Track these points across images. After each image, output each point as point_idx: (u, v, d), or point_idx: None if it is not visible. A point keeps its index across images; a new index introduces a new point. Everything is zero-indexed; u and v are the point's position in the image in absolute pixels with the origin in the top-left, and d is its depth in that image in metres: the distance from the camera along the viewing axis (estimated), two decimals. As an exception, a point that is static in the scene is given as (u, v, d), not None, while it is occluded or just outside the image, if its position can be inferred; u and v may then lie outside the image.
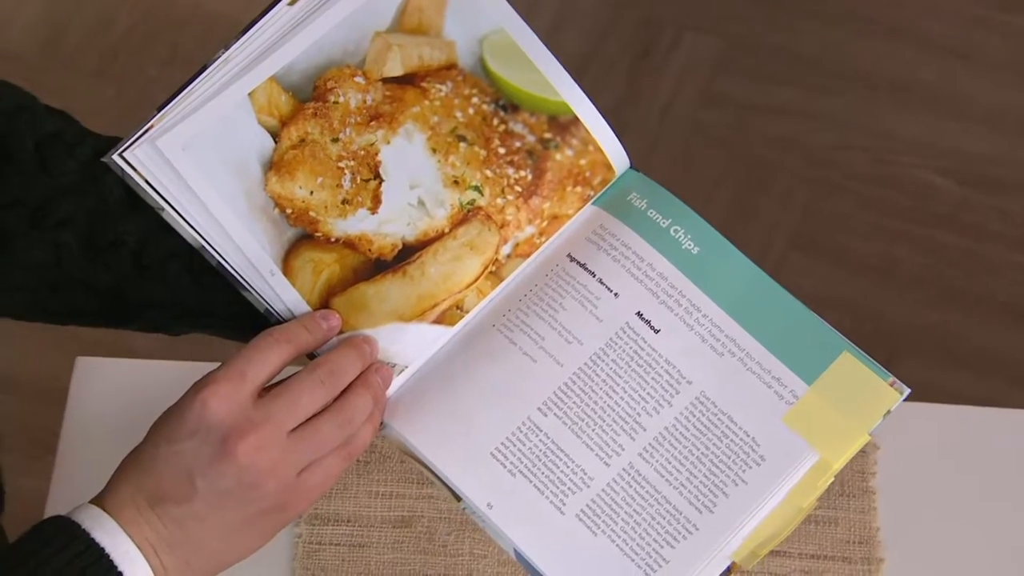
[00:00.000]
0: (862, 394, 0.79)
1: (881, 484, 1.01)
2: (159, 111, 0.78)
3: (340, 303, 0.79)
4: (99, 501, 0.74)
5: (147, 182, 0.77)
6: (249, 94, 0.79)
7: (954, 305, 1.90)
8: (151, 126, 0.77)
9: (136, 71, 2.10)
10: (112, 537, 0.72)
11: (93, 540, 0.72)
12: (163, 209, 0.77)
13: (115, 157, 0.77)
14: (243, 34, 0.80)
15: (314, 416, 0.75)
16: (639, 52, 2.07)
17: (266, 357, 0.75)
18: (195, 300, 0.84)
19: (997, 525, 0.99)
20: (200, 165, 0.77)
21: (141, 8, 2.19)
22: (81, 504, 0.74)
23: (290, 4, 0.81)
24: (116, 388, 1.04)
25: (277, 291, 0.78)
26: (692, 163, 1.99)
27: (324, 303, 0.79)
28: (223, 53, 0.79)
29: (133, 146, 0.76)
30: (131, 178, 0.77)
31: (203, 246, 0.78)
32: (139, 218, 0.83)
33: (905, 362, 1.79)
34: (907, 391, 0.79)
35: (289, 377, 0.76)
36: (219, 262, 0.78)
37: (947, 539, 0.99)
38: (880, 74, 2.09)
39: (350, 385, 0.77)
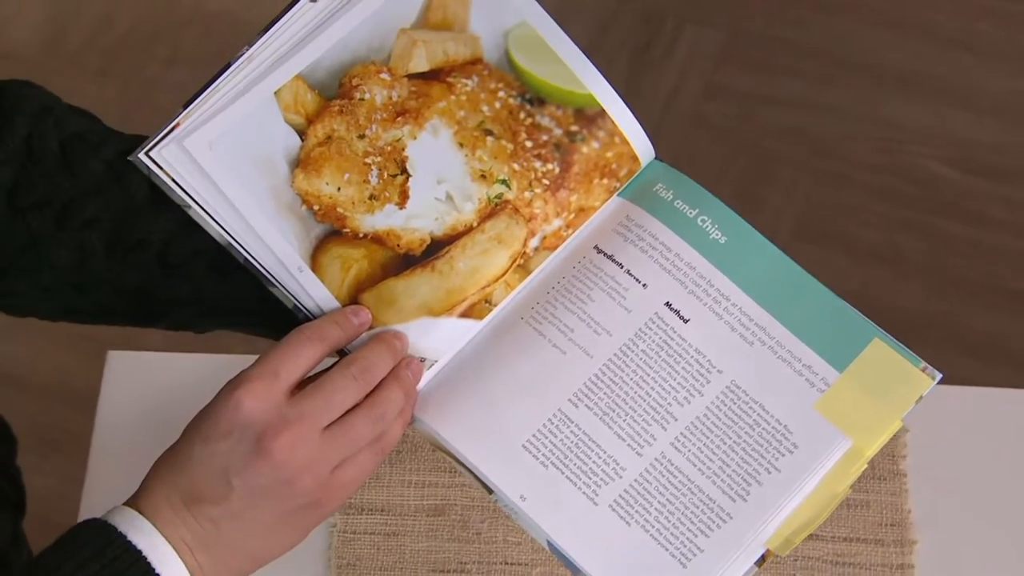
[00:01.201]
0: (894, 380, 0.79)
1: (912, 466, 1.01)
2: (185, 108, 0.78)
3: (369, 299, 0.79)
4: (133, 503, 0.74)
5: (173, 180, 0.77)
6: (275, 92, 0.79)
7: (960, 293, 1.90)
8: (177, 124, 0.77)
9: (138, 71, 2.10)
10: (148, 539, 0.72)
11: (130, 543, 0.72)
12: (189, 207, 0.78)
13: (141, 156, 0.77)
14: (266, 31, 0.80)
15: (347, 412, 0.75)
16: (640, 45, 2.07)
17: (298, 354, 0.75)
18: (222, 297, 0.84)
19: (1026, 508, 1.00)
20: (227, 163, 0.77)
21: (142, 8, 2.19)
22: (115, 507, 0.74)
23: (312, 1, 0.81)
24: (146, 382, 1.05)
25: (306, 287, 0.78)
26: (695, 155, 1.99)
27: (353, 299, 0.79)
28: (247, 50, 0.79)
29: (159, 145, 0.76)
30: (157, 176, 0.77)
31: (230, 243, 0.78)
32: (164, 217, 0.83)
33: (912, 351, 1.78)
34: (939, 376, 0.79)
35: (322, 374, 0.76)
36: (246, 259, 0.78)
37: (979, 520, 1.00)
38: (885, 65, 2.09)
39: (382, 381, 0.77)
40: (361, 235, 0.80)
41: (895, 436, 1.01)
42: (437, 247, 0.80)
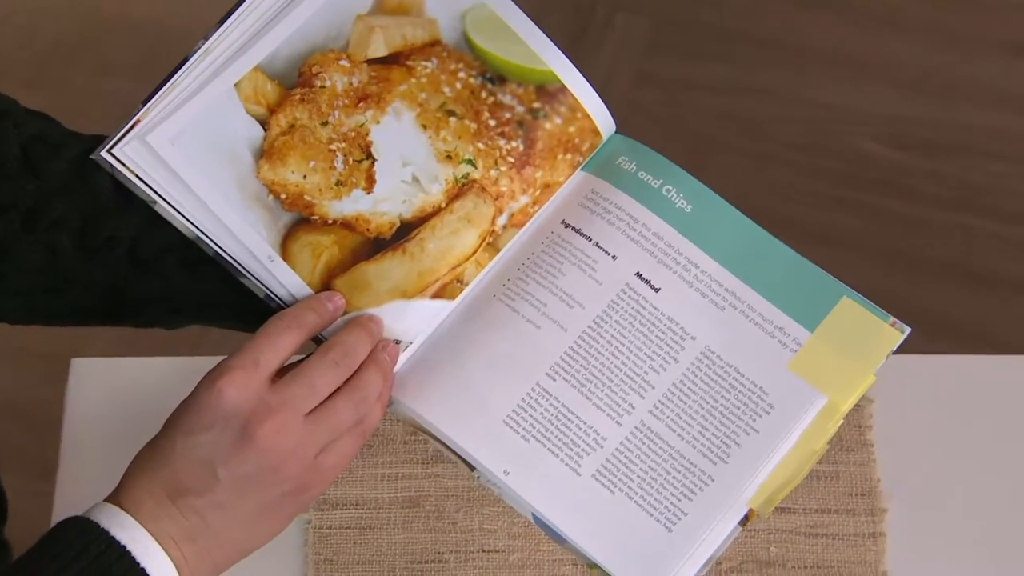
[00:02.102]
0: (864, 336, 0.80)
1: (878, 437, 1.03)
2: (144, 105, 0.78)
3: (342, 284, 0.79)
4: (115, 499, 0.73)
5: (137, 177, 0.77)
6: (235, 85, 0.79)
7: (897, 268, 1.93)
8: (137, 120, 0.78)
9: (66, 81, 2.08)
10: (131, 533, 0.72)
11: (113, 538, 0.71)
12: (155, 202, 0.77)
13: (104, 154, 0.77)
14: (222, 23, 0.80)
15: (328, 397, 0.75)
16: (573, 34, 2.08)
17: (277, 343, 0.75)
18: (192, 292, 0.84)
19: (991, 467, 1.01)
20: (190, 158, 0.77)
21: (67, 18, 2.16)
22: (96, 504, 0.73)
23: None
24: (113, 387, 1.04)
25: (278, 276, 0.78)
26: (630, 143, 2.00)
27: (325, 285, 0.79)
28: (203, 44, 0.79)
29: (121, 142, 0.76)
30: (121, 174, 0.77)
31: (198, 236, 0.78)
32: (131, 214, 0.83)
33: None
34: (908, 330, 0.80)
35: (302, 360, 0.76)
36: (215, 251, 0.78)
37: (945, 484, 1.01)
38: (810, 45, 2.11)
39: (360, 365, 0.77)
40: (330, 221, 0.80)
41: (859, 407, 1.03)
42: (407, 230, 0.81)
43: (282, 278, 0.78)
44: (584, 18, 2.11)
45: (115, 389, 1.04)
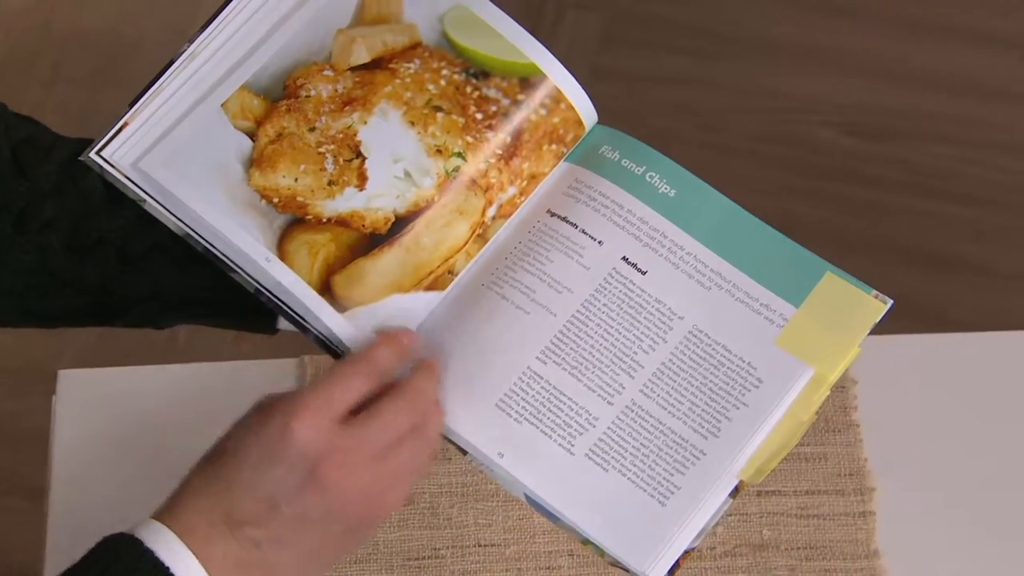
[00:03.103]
0: (849, 309, 0.82)
1: (863, 417, 1.04)
2: (131, 107, 0.80)
3: (340, 281, 0.81)
4: (166, 519, 0.73)
5: (127, 176, 0.78)
6: (222, 105, 0.81)
7: (856, 253, 1.94)
8: (125, 123, 0.80)
9: (20, 93, 2.07)
10: (182, 559, 0.71)
11: (161, 563, 0.71)
12: (144, 201, 0.79)
13: (93, 155, 0.78)
14: (206, 27, 0.83)
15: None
16: (524, 32, 2.08)
17: (351, 384, 0.75)
18: (182, 289, 0.85)
19: (974, 441, 1.03)
20: (183, 176, 0.79)
21: (19, 29, 2.15)
22: (146, 521, 0.73)
23: None
24: (102, 398, 1.04)
25: (276, 277, 0.79)
26: (587, 139, 2.01)
27: (324, 282, 0.80)
28: (188, 47, 0.82)
29: (111, 144, 0.78)
30: (110, 174, 0.79)
31: (188, 233, 0.79)
32: (120, 214, 0.84)
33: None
34: (890, 302, 0.82)
35: (377, 401, 0.76)
36: (205, 247, 0.80)
37: (931, 461, 1.02)
38: (763, 35, 2.13)
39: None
40: (325, 220, 0.81)
41: (843, 388, 1.05)
42: (401, 224, 0.82)
43: (281, 278, 0.79)
44: (534, 16, 2.12)
45: (104, 400, 1.04)
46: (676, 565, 0.78)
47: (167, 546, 0.71)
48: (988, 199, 2.00)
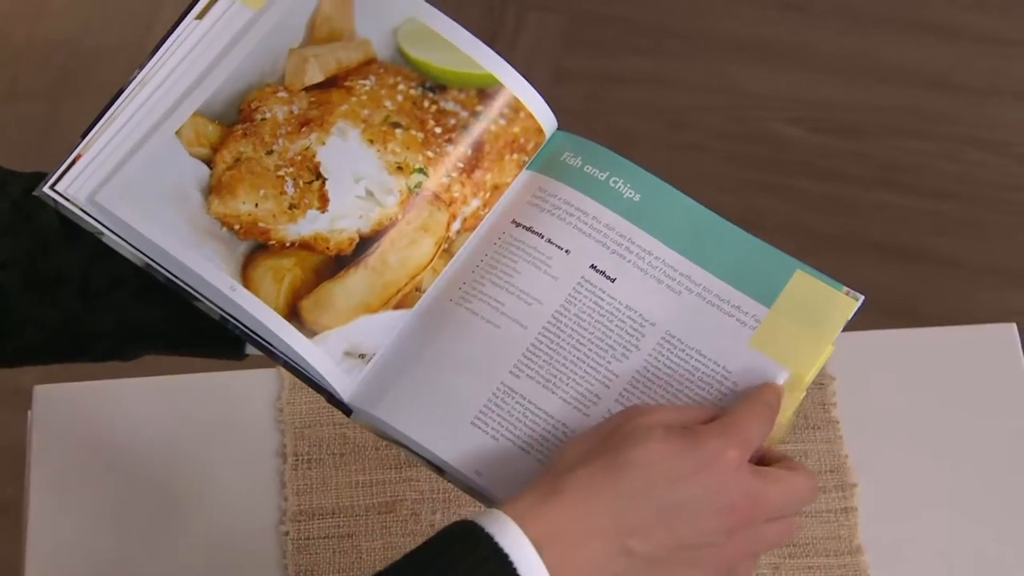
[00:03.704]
0: (820, 307, 0.81)
1: (842, 413, 1.04)
2: (83, 138, 0.80)
3: (308, 306, 0.80)
4: (521, 517, 0.71)
5: (83, 210, 0.78)
6: (176, 133, 0.80)
7: (823, 249, 1.95)
8: (78, 155, 0.79)
9: (-22, 107, 2.05)
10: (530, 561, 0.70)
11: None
12: (102, 234, 0.78)
13: (47, 190, 0.78)
14: (155, 52, 0.82)
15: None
16: (487, 36, 2.07)
17: (763, 431, 0.75)
18: (146, 321, 0.84)
19: (952, 434, 1.04)
20: (141, 208, 0.78)
21: (-25, 43, 2.14)
22: (493, 514, 0.71)
23: (198, 18, 0.83)
24: (78, 412, 1.04)
25: (242, 305, 0.78)
26: (552, 141, 2.01)
27: (291, 307, 0.79)
28: (138, 73, 0.81)
29: (65, 178, 0.78)
30: (66, 208, 0.78)
31: (148, 264, 0.79)
32: (78, 249, 0.83)
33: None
34: (861, 298, 0.81)
35: (791, 465, 0.76)
36: (167, 278, 0.79)
37: (910, 455, 1.03)
38: (723, 33, 2.14)
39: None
40: (288, 244, 0.80)
41: (822, 385, 1.05)
42: (366, 244, 0.81)
43: (247, 306, 0.78)
44: (496, 19, 2.12)
45: (81, 414, 1.04)
46: None
47: (524, 556, 0.70)
48: (955, 193, 2.01)
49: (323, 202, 0.81)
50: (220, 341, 0.83)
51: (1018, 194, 2.01)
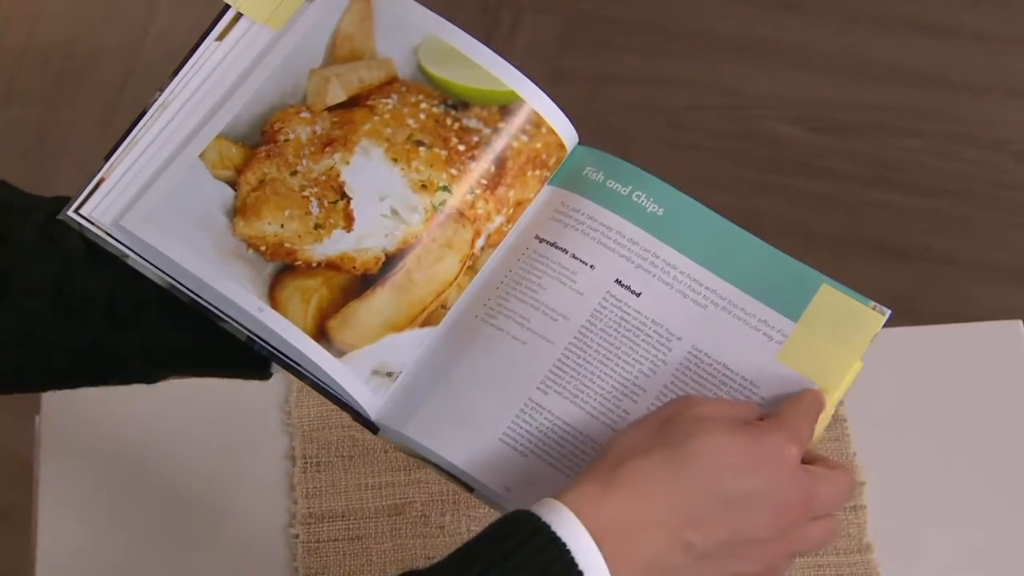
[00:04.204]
0: (847, 321, 0.81)
1: (849, 411, 1.05)
2: (107, 161, 0.80)
3: (335, 325, 0.80)
4: (581, 509, 0.71)
5: (107, 233, 0.79)
6: (199, 156, 0.81)
7: (820, 248, 1.96)
8: (102, 179, 0.80)
9: (-25, 110, 2.04)
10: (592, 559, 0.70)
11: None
12: (127, 256, 0.79)
13: (71, 214, 0.79)
14: (176, 73, 0.82)
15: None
16: (481, 38, 2.08)
17: (811, 431, 0.76)
18: (173, 343, 0.84)
19: (960, 431, 1.04)
20: (167, 231, 0.79)
21: (-30, 46, 2.13)
22: (554, 507, 0.71)
23: (218, 40, 0.83)
24: (87, 418, 1.04)
25: (270, 326, 0.79)
26: (549, 142, 2.02)
27: (319, 327, 0.79)
28: (159, 96, 0.82)
29: (89, 201, 0.79)
30: (90, 231, 0.79)
31: (173, 285, 0.79)
32: (104, 272, 0.83)
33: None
34: (888, 312, 0.81)
35: (832, 464, 0.77)
36: (192, 299, 0.78)
37: (918, 453, 1.04)
38: (719, 33, 2.14)
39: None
40: (315, 264, 0.80)
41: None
42: (392, 263, 0.81)
43: (275, 327, 0.79)
44: (491, 21, 2.12)
45: (90, 420, 1.04)
46: None
47: (582, 546, 0.70)
48: (951, 191, 2.02)
49: (348, 221, 0.81)
50: (246, 361, 0.83)
51: (1013, 192, 2.02)
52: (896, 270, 1.95)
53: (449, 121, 0.83)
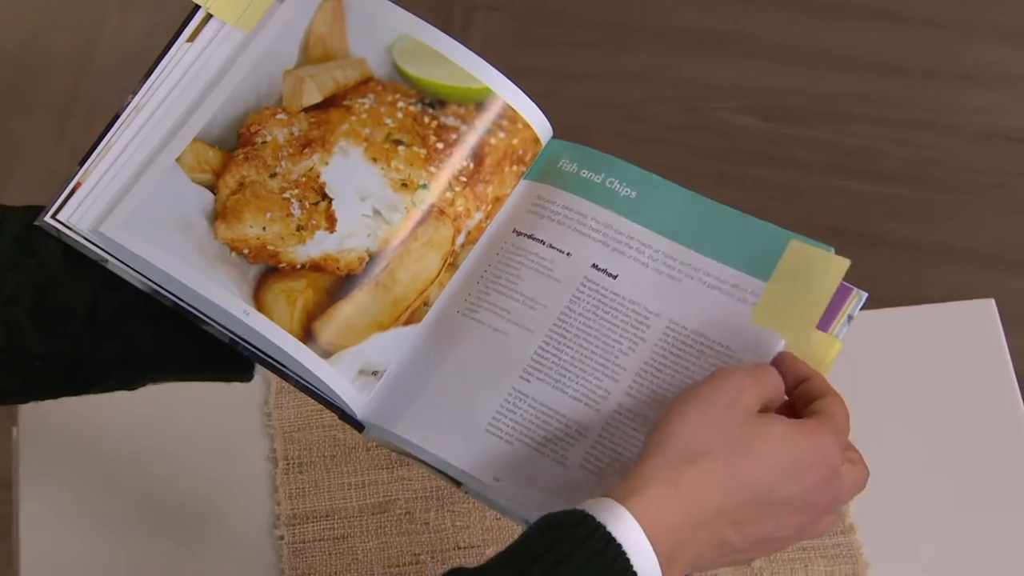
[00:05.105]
0: (814, 270, 0.82)
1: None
2: (81, 166, 0.80)
3: (321, 326, 0.80)
4: (638, 508, 0.71)
5: (86, 238, 0.79)
6: (176, 160, 0.81)
7: (781, 236, 1.97)
8: (78, 183, 0.80)
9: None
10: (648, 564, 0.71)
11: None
12: (107, 260, 0.79)
13: (48, 220, 0.79)
14: (148, 76, 0.82)
15: None
16: (435, 37, 2.08)
17: (849, 424, 0.79)
18: (155, 349, 0.83)
19: (938, 411, 1.05)
20: (148, 237, 0.79)
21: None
22: (613, 509, 0.71)
23: (189, 41, 0.83)
24: (65, 426, 1.04)
25: (257, 329, 0.79)
26: (508, 140, 2.02)
27: (305, 328, 0.80)
28: (132, 99, 0.82)
29: (66, 206, 0.79)
30: (69, 237, 0.79)
31: (155, 289, 0.79)
32: (83, 280, 0.82)
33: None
34: (848, 262, 0.83)
35: (855, 457, 0.78)
36: (174, 302, 0.78)
37: (897, 433, 1.04)
38: (672, 25, 2.15)
39: None
40: (299, 266, 0.80)
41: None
42: (375, 262, 0.81)
43: (262, 330, 0.79)
44: (443, 19, 2.11)
45: (68, 429, 1.04)
46: None
47: (637, 549, 0.70)
48: (908, 176, 2.03)
49: (331, 222, 0.81)
50: (228, 364, 0.83)
51: (970, 175, 2.03)
52: (857, 256, 1.93)
53: (427, 119, 0.84)
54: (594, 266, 0.83)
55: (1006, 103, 2.07)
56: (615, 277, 0.83)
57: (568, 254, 0.84)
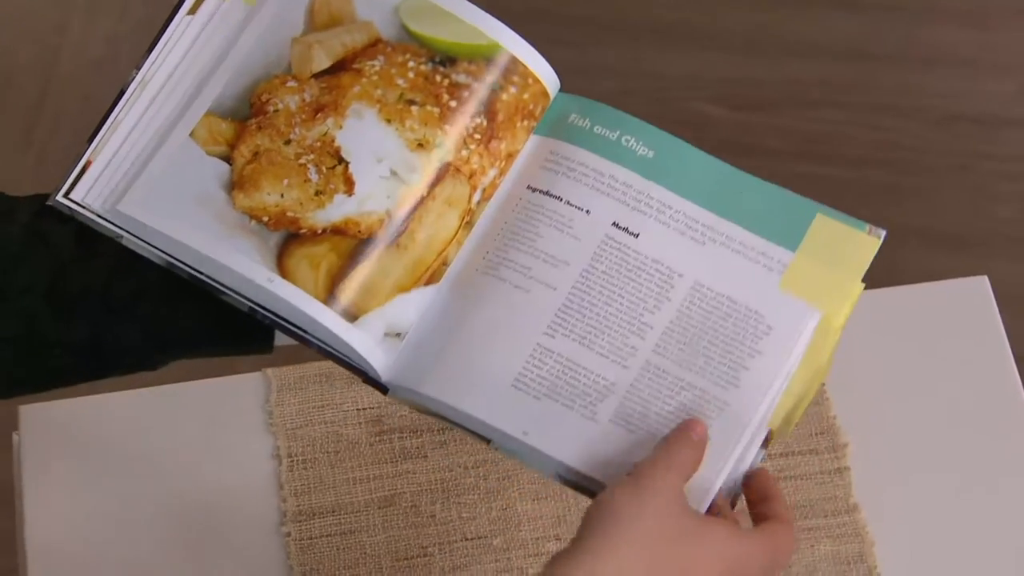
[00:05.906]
0: (845, 247, 0.83)
1: (828, 375, 1.05)
2: (90, 143, 0.80)
3: (346, 290, 0.80)
4: None
5: (99, 215, 0.78)
6: (190, 135, 0.80)
7: (752, 224, 1.98)
8: (89, 161, 0.80)
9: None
10: None
11: None
12: (121, 236, 0.79)
13: (61, 199, 0.78)
14: (151, 50, 0.82)
15: None
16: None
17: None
18: (174, 325, 0.83)
19: (935, 389, 1.05)
20: (167, 213, 0.79)
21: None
22: None
23: (190, 13, 0.83)
24: (65, 430, 1.03)
25: (282, 295, 0.78)
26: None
27: (330, 292, 0.79)
28: (136, 73, 0.81)
29: (78, 185, 0.79)
30: (82, 215, 0.79)
31: (171, 262, 0.78)
32: (96, 263, 0.81)
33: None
34: (883, 233, 0.83)
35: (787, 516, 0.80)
36: (190, 274, 0.77)
37: (897, 412, 1.04)
38: (640, 19, 2.15)
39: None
40: (320, 231, 0.80)
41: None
42: (395, 223, 0.81)
43: (287, 296, 0.79)
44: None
45: (69, 433, 1.03)
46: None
47: None
48: (874, 160, 2.05)
49: (349, 185, 0.81)
50: (248, 336, 0.83)
51: (935, 158, 2.05)
52: (827, 240, 1.98)
53: (438, 78, 0.84)
54: (615, 224, 0.83)
55: (968, 85, 2.10)
56: (637, 236, 0.83)
57: (587, 211, 0.83)
